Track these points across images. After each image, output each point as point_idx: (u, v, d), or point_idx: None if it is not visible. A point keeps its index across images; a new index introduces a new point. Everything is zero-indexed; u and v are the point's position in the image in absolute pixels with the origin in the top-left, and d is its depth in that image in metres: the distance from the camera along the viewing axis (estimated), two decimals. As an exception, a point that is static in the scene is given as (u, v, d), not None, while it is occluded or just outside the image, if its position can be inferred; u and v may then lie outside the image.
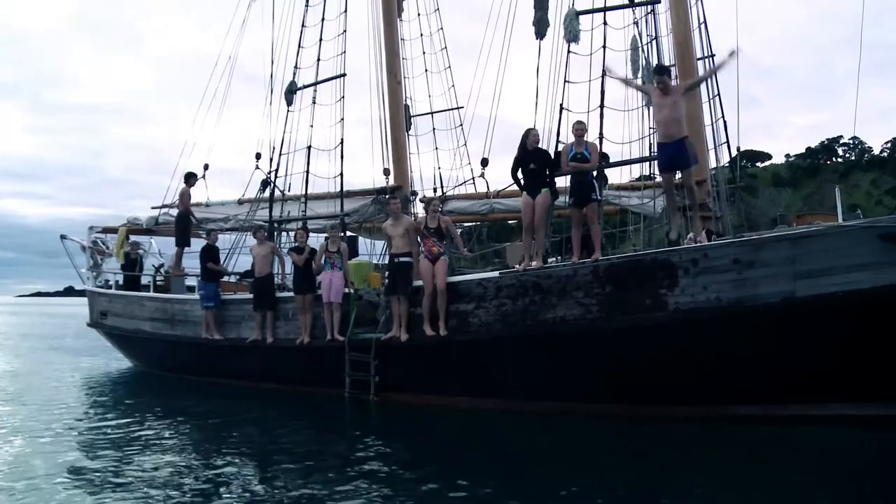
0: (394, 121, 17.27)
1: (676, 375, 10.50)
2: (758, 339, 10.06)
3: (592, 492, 7.48)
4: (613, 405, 11.02)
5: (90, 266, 21.53)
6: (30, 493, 8.02)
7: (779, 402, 10.10)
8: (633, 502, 7.34)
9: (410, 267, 13.00)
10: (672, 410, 10.55)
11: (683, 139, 10.86)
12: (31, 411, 13.49)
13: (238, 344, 15.73)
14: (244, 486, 8.17)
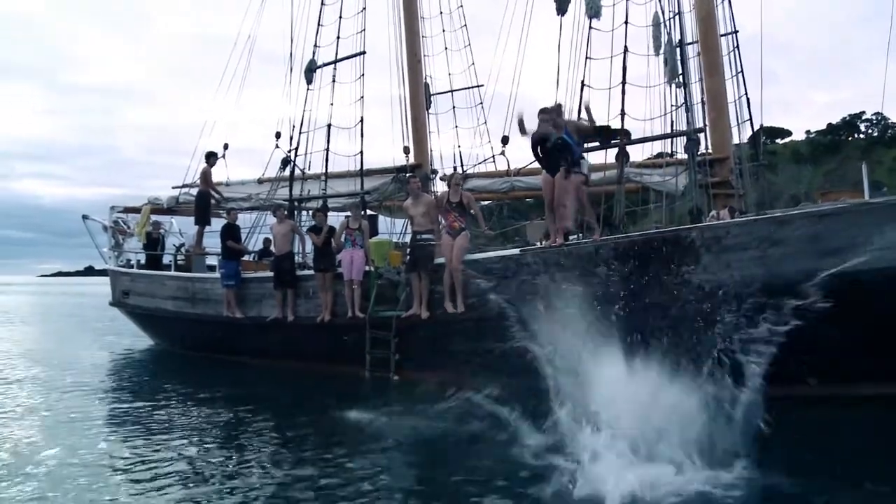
0: (413, 99, 17.23)
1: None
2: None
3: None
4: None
5: (112, 246, 21.65)
6: (54, 470, 8.16)
7: (800, 381, 10.02)
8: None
9: (432, 245, 13.01)
10: None
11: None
12: (55, 389, 13.65)
13: (259, 322, 15.81)
14: (262, 466, 8.25)
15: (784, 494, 6.61)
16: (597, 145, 12.27)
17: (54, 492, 7.44)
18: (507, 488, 7.10)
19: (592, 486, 6.62)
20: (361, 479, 7.50)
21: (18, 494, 7.35)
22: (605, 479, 6.66)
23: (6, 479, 7.90)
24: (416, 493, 7.22)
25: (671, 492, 6.52)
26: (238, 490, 7.37)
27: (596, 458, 7.12)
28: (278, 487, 7.41)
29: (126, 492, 7.48)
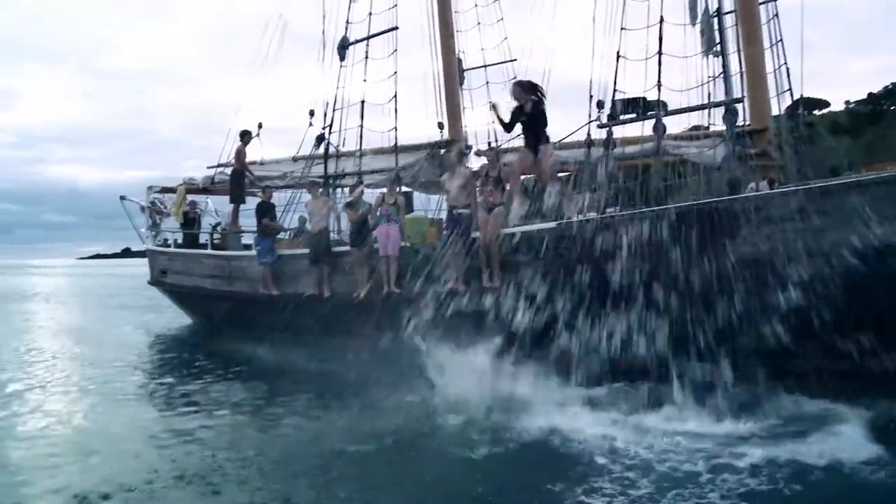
0: (447, 74, 17.10)
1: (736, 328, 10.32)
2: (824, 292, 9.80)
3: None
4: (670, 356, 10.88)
5: (149, 226, 21.89)
6: (98, 443, 8.36)
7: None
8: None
9: (469, 219, 12.96)
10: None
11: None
12: (98, 364, 14.03)
13: (295, 299, 15.89)
14: (298, 439, 8.38)
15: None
16: (633, 117, 12.11)
17: (94, 456, 7.84)
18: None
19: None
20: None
21: (63, 459, 7.87)
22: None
23: (54, 445, 8.16)
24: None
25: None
26: (277, 463, 7.50)
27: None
28: (319, 462, 7.52)
29: (161, 458, 7.80)
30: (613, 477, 6.93)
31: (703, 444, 7.85)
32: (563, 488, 6.69)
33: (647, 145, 12.61)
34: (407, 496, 6.77)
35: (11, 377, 13.30)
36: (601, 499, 6.41)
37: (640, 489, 6.60)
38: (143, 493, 6.84)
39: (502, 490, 6.86)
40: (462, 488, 6.79)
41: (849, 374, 9.26)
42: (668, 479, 6.81)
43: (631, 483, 6.75)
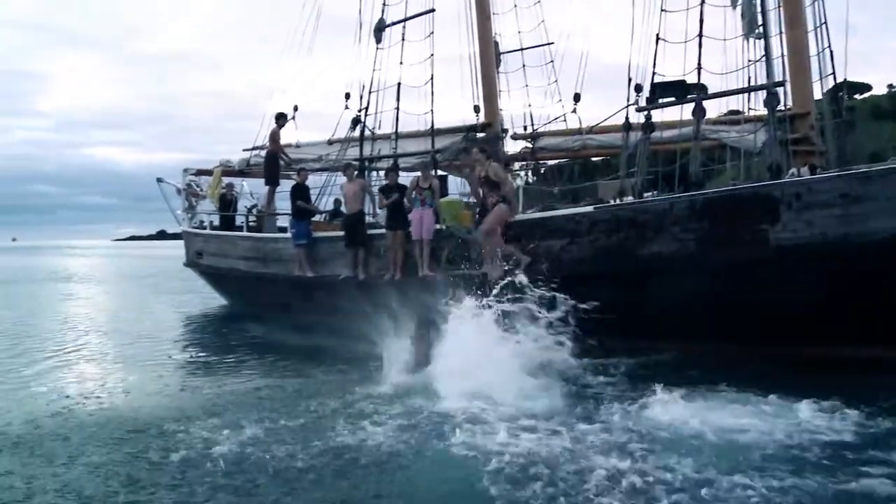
0: (483, 57, 16.99)
1: (776, 314, 10.22)
2: (866, 277, 9.69)
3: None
4: (708, 345, 10.81)
5: (185, 208, 22.06)
6: (132, 419, 8.60)
7: (888, 343, 9.74)
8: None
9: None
10: (772, 351, 10.28)
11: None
12: (134, 344, 14.24)
13: (330, 281, 15.95)
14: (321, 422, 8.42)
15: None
16: (673, 100, 11.98)
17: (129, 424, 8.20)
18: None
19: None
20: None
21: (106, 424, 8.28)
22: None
23: (97, 413, 8.77)
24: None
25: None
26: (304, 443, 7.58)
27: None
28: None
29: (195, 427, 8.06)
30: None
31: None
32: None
33: (685, 129, 12.47)
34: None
35: (50, 353, 13.71)
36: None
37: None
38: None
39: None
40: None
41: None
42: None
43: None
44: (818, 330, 9.85)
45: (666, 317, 11.19)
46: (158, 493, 6.30)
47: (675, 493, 5.91)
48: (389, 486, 6.39)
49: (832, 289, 9.87)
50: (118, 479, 6.63)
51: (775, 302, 10.21)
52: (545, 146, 16.19)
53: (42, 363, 12.70)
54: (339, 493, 6.25)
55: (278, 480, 6.50)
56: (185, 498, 6.20)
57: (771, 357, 10.10)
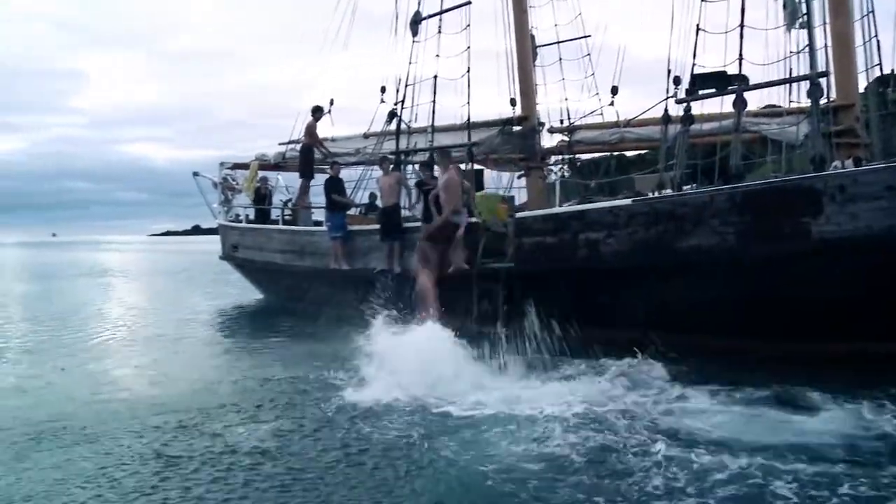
0: (520, 50, 16.85)
1: (817, 309, 10.03)
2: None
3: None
4: (747, 340, 10.63)
5: (221, 201, 22.22)
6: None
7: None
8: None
9: None
10: (811, 347, 10.08)
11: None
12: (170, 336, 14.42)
13: (366, 274, 15.96)
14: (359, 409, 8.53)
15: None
16: (713, 92, 11.80)
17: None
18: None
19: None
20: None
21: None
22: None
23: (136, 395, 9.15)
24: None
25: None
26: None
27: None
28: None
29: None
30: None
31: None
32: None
33: (725, 122, 12.29)
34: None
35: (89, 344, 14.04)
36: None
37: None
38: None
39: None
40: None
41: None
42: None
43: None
44: (858, 326, 9.69)
45: (703, 311, 11.07)
46: (174, 482, 6.38)
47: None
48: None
49: (875, 283, 9.67)
50: (148, 467, 6.76)
51: (816, 297, 10.05)
52: (582, 139, 16.06)
53: (82, 354, 12.98)
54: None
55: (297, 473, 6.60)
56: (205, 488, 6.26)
57: (804, 354, 9.91)
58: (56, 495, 6.13)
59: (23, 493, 6.17)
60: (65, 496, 6.12)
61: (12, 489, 6.28)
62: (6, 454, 7.19)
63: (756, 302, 10.55)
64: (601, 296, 12.11)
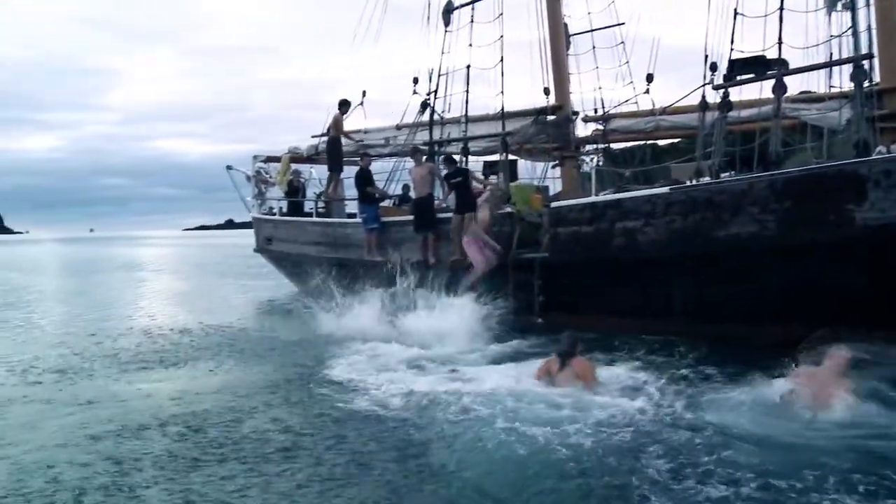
0: (553, 38, 16.63)
1: (863, 297, 9.81)
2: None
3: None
4: (788, 329, 10.39)
5: (255, 194, 22.28)
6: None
7: None
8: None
9: None
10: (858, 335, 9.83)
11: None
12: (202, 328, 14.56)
13: (402, 265, 15.90)
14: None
15: None
16: (752, 77, 11.57)
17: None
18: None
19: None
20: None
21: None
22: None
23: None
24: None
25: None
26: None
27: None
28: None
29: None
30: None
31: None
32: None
33: (764, 108, 12.05)
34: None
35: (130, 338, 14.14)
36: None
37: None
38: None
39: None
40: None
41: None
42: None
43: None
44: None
45: (742, 300, 10.91)
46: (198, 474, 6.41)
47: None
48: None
49: None
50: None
51: (859, 285, 9.85)
52: (617, 128, 15.85)
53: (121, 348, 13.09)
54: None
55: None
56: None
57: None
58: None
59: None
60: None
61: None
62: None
63: (798, 291, 10.37)
64: (637, 286, 12.00)
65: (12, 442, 7.39)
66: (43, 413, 8.54)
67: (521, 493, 5.76)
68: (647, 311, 11.94)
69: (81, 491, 5.96)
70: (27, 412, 8.65)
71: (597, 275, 12.36)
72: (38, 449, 7.11)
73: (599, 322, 12.28)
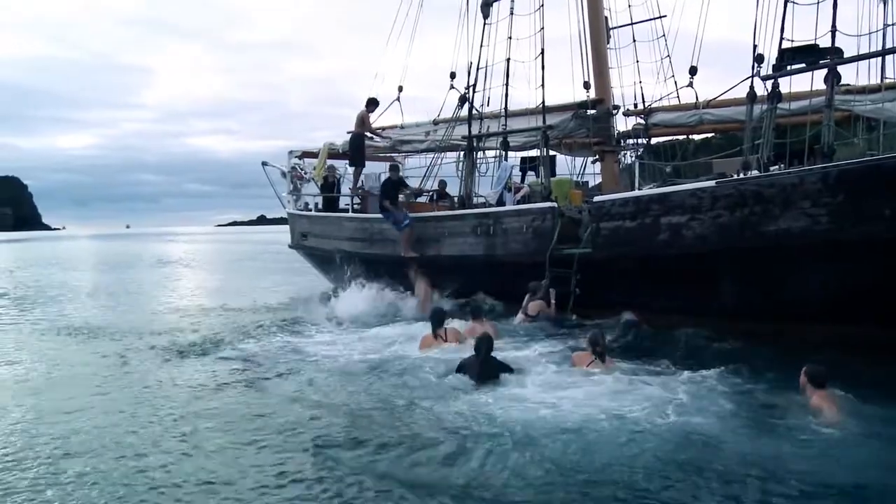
0: (594, 31, 16.27)
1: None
2: None
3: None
4: (839, 327, 10.07)
5: (290, 190, 22.20)
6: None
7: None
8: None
9: None
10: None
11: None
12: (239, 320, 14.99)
13: (439, 261, 15.75)
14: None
15: None
16: (803, 67, 11.20)
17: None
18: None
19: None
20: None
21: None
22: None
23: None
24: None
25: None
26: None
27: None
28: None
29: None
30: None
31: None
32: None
33: (815, 100, 11.66)
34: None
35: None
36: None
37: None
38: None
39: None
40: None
41: None
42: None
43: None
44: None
45: (791, 297, 10.60)
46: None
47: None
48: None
49: None
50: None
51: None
52: (659, 122, 15.49)
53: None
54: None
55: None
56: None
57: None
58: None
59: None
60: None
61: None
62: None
63: (850, 288, 10.05)
64: (682, 282, 11.71)
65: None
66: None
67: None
68: (692, 308, 11.64)
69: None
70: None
71: (640, 270, 12.11)
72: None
73: (639, 318, 12.07)
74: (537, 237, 13.78)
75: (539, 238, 13.72)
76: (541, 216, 13.82)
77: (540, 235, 13.72)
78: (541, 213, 13.88)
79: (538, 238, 13.74)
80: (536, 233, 13.81)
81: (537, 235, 13.78)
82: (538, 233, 13.77)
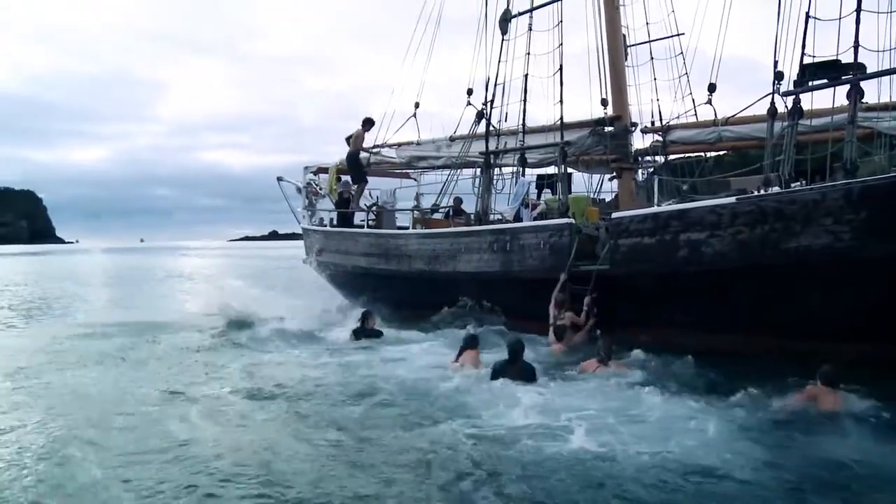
0: (612, 48, 16.19)
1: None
2: None
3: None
4: (864, 346, 9.94)
5: (306, 206, 22.21)
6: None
7: None
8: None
9: None
10: None
11: None
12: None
13: (454, 277, 15.67)
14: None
15: None
16: (825, 82, 11.11)
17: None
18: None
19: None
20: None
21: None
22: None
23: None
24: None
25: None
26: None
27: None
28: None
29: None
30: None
31: None
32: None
33: (837, 116, 11.57)
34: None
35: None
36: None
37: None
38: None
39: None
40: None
41: None
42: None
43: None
44: None
45: (813, 315, 10.47)
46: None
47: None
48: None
49: None
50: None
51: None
52: (677, 139, 15.42)
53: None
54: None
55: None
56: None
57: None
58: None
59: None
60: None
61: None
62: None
63: (873, 306, 9.92)
64: (702, 299, 11.60)
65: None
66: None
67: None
68: (711, 326, 11.50)
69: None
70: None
71: (658, 287, 12.00)
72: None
73: (657, 335, 11.91)
74: (554, 253, 13.70)
75: (556, 254, 13.65)
76: (558, 232, 13.75)
77: (556, 252, 13.65)
78: (558, 229, 13.80)
79: (555, 254, 13.67)
80: (553, 249, 13.74)
81: (554, 252, 13.71)
82: (555, 249, 13.70)
